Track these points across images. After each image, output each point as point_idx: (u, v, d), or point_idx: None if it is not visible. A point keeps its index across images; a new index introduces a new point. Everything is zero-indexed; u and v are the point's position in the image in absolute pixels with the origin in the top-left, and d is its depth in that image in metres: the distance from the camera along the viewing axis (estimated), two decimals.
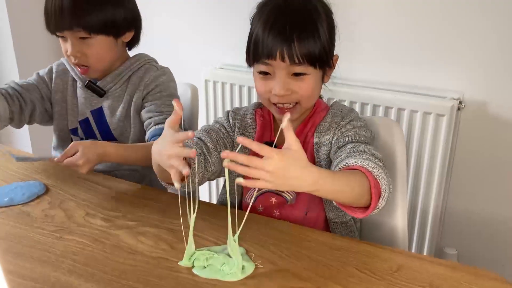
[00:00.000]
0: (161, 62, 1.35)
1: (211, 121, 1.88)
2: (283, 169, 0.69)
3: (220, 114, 1.85)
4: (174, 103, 0.78)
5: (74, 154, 1.05)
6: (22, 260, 0.82)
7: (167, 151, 0.77)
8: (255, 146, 0.69)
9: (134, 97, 1.25)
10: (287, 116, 0.71)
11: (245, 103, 1.78)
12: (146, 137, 1.19)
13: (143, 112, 1.24)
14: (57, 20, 1.13)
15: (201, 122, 1.70)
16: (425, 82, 1.54)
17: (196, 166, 0.92)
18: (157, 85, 1.25)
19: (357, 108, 1.57)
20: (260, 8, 0.99)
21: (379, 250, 0.83)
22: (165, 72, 1.30)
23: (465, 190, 1.58)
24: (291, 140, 0.71)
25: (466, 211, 1.60)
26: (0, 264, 0.81)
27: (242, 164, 0.69)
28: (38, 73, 1.33)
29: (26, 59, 2.13)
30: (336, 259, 0.81)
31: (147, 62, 1.30)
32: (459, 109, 1.46)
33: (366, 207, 0.82)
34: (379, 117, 1.39)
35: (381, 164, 0.85)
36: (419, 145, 1.50)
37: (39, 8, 1.18)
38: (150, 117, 1.21)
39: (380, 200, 0.82)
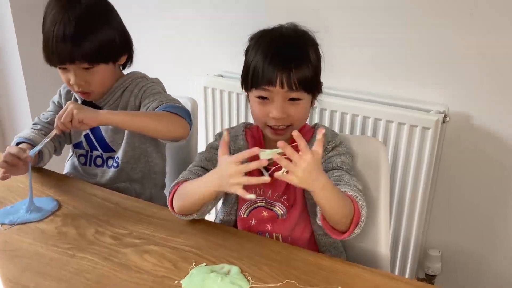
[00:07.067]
0: (161, 70, 1.42)
1: (210, 128, 1.97)
2: (311, 167, 0.87)
3: (218, 122, 1.93)
4: (224, 131, 0.97)
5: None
6: (41, 278, 0.91)
7: (228, 171, 0.92)
8: (302, 143, 0.88)
9: (128, 110, 1.32)
10: (322, 131, 0.90)
11: (242, 111, 1.86)
12: None
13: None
14: (59, 54, 1.18)
15: (200, 130, 1.78)
16: (412, 95, 1.62)
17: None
18: (145, 90, 1.32)
19: (348, 119, 1.65)
20: (256, 40, 1.08)
21: (360, 270, 0.93)
22: (154, 81, 1.36)
23: (450, 199, 1.68)
24: (319, 147, 0.90)
25: (450, 217, 1.70)
26: (21, 281, 0.90)
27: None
28: (53, 102, 1.43)
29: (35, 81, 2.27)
30: (321, 279, 0.90)
31: (138, 77, 1.36)
32: (444, 122, 1.55)
33: (343, 232, 0.96)
34: (367, 137, 1.48)
35: (363, 197, 0.99)
36: (405, 157, 1.58)
37: None
38: (147, 108, 1.26)
39: (357, 228, 0.95)
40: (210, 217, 2.04)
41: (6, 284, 0.90)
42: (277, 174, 0.88)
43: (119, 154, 1.36)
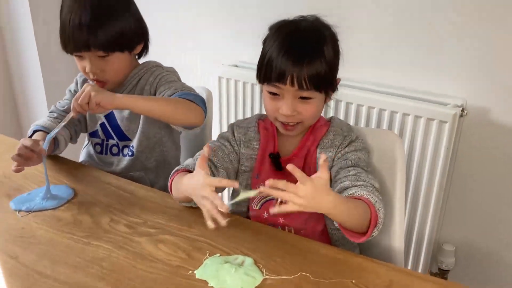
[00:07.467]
0: (175, 60, 1.42)
1: (224, 119, 1.97)
2: (312, 194, 0.83)
3: (232, 113, 1.93)
4: (205, 147, 0.93)
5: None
6: (57, 265, 0.92)
7: (200, 191, 0.90)
8: (298, 173, 0.83)
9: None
10: (324, 156, 0.87)
11: (257, 102, 1.86)
12: None
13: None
14: (75, 41, 1.20)
15: (214, 120, 1.78)
16: (429, 88, 1.60)
17: None
18: (160, 78, 1.32)
19: (363, 111, 1.64)
20: (274, 32, 1.07)
21: (375, 265, 0.92)
22: (169, 70, 1.37)
23: (465, 193, 1.66)
24: (324, 172, 0.86)
25: (465, 212, 1.68)
26: (38, 268, 0.91)
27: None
28: (70, 90, 1.44)
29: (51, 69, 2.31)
30: (335, 272, 0.90)
31: (153, 66, 1.37)
32: (461, 116, 1.52)
33: (363, 233, 0.94)
34: (383, 130, 1.46)
35: (380, 197, 0.97)
36: (421, 151, 1.57)
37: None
38: (162, 95, 1.26)
39: (375, 230, 0.94)
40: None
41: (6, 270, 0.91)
42: (273, 211, 0.85)
43: (134, 143, 1.37)
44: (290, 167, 0.83)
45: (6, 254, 0.96)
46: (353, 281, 0.87)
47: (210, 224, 0.89)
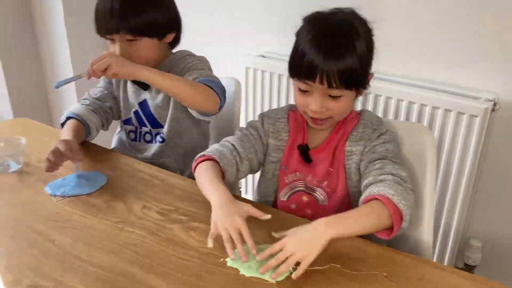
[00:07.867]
0: (203, 51, 1.44)
1: (250, 110, 1.97)
2: (298, 243, 0.87)
3: (258, 103, 1.93)
4: (266, 217, 0.95)
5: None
6: (92, 249, 0.95)
7: (231, 226, 0.92)
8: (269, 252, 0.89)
9: None
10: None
11: (284, 93, 1.85)
12: None
13: None
14: (107, 25, 1.24)
15: (241, 111, 1.78)
16: (461, 82, 1.58)
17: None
18: (189, 67, 1.34)
19: (392, 104, 1.62)
20: (307, 24, 1.05)
21: (405, 258, 0.92)
22: (200, 58, 1.38)
23: (494, 189, 1.64)
24: (281, 235, 0.91)
25: (495, 207, 1.66)
26: (74, 252, 0.94)
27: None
28: (103, 78, 1.46)
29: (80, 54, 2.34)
30: (366, 264, 0.90)
31: (186, 55, 1.39)
32: (493, 110, 1.50)
33: (391, 229, 0.93)
34: (413, 123, 1.45)
35: (401, 188, 0.95)
36: (450, 145, 1.55)
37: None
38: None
39: (403, 222, 0.92)
40: (249, 195, 2.06)
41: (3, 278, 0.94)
42: (295, 276, 0.86)
43: (165, 129, 1.39)
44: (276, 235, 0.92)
45: (44, 237, 0.99)
46: (385, 274, 0.87)
47: (211, 244, 0.93)
